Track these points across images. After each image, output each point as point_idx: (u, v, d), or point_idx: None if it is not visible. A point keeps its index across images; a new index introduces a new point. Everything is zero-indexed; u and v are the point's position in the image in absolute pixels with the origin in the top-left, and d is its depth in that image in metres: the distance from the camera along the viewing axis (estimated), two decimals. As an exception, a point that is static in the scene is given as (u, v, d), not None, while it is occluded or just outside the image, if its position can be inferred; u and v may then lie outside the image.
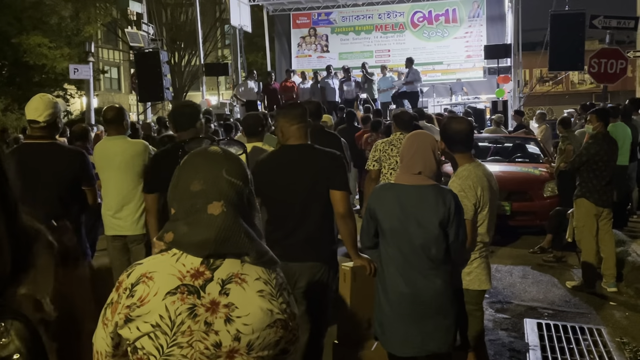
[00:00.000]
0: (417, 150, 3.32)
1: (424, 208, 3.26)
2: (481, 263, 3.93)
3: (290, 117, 3.91)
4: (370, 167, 6.57)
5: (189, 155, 1.71)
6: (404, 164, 3.37)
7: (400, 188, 3.34)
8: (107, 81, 41.38)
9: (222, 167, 1.65)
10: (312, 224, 3.78)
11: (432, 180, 3.33)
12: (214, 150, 1.70)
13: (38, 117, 4.30)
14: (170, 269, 1.60)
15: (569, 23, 14.19)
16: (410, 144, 3.39)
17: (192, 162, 1.68)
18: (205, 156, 1.68)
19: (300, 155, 3.86)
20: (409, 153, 3.35)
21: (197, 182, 1.63)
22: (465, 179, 3.80)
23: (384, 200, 3.35)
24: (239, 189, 1.65)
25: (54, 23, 25.62)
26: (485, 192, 3.81)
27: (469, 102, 18.42)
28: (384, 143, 6.56)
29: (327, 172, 3.81)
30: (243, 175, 1.68)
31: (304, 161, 3.84)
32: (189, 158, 1.70)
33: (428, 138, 3.42)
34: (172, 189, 1.69)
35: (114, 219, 4.97)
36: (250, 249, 1.62)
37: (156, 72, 15.94)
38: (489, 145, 11.12)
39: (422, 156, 3.31)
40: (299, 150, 3.88)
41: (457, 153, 3.95)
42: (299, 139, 3.90)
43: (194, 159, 1.69)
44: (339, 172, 3.85)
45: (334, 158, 3.90)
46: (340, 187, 3.82)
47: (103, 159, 4.96)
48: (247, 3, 22.25)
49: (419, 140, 3.39)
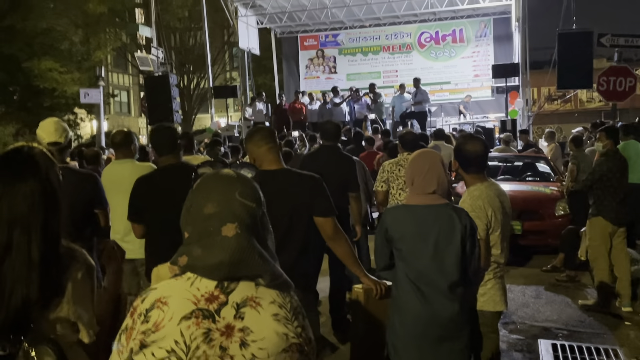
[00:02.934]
0: (430, 169, 3.30)
1: (441, 227, 3.23)
2: (495, 284, 3.88)
3: (257, 139, 3.75)
4: (378, 187, 6.56)
5: (202, 179, 1.71)
6: (417, 184, 3.33)
7: (414, 209, 3.30)
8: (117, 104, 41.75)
9: (235, 190, 1.64)
10: (293, 252, 3.54)
11: (445, 200, 3.32)
12: (227, 173, 1.71)
13: (59, 138, 4.36)
14: (185, 293, 1.58)
15: (576, 41, 14.18)
16: (421, 163, 3.36)
17: (206, 185, 1.68)
18: (218, 179, 1.68)
19: (276, 181, 3.63)
20: (421, 173, 3.31)
21: (210, 205, 1.62)
22: (476, 199, 3.77)
23: (400, 222, 3.32)
24: (252, 210, 1.65)
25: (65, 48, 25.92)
26: (497, 213, 3.79)
27: (477, 121, 18.44)
28: (391, 164, 6.55)
29: (308, 199, 3.62)
30: (256, 197, 1.68)
31: (281, 187, 3.59)
32: (202, 181, 1.70)
33: (437, 156, 3.42)
34: (186, 213, 1.68)
35: (122, 242, 4.92)
36: (264, 271, 1.61)
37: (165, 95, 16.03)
38: (499, 165, 11.07)
39: (436, 175, 3.29)
40: (275, 175, 3.68)
41: (469, 173, 3.92)
42: (273, 162, 3.72)
43: (207, 182, 1.69)
44: (321, 198, 3.65)
45: (313, 183, 3.70)
46: (324, 214, 3.63)
47: (111, 182, 4.96)
48: (255, 26, 22.47)
49: (430, 159, 3.37)
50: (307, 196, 3.62)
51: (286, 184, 3.65)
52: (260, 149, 3.71)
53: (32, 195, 1.92)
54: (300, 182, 3.69)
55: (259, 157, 3.71)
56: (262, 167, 3.69)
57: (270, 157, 3.71)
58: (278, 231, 3.56)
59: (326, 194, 3.68)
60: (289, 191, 3.60)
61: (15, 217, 1.90)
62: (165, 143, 4.32)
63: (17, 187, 1.93)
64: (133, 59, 24.39)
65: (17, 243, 1.89)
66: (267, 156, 3.70)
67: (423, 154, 3.46)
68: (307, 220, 3.63)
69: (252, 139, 3.79)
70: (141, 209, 4.19)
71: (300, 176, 3.77)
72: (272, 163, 3.71)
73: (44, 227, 1.93)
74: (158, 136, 4.41)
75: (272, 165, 3.70)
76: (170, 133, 4.38)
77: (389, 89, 21.19)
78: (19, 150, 2.02)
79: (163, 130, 4.42)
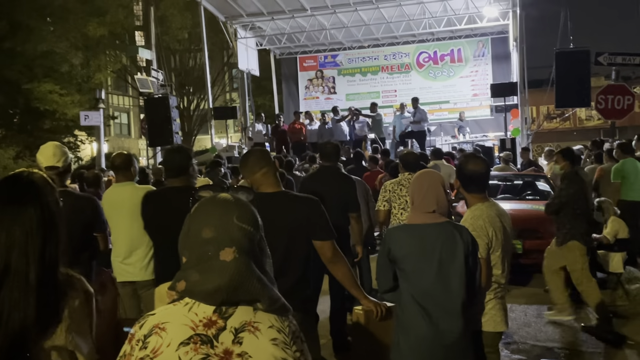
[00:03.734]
0: (429, 188, 3.34)
1: (444, 245, 3.25)
2: (496, 304, 3.85)
3: (251, 165, 3.71)
4: (380, 207, 6.60)
5: (199, 203, 1.72)
6: (417, 203, 3.37)
7: (416, 228, 3.33)
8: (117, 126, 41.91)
9: (233, 214, 1.65)
10: (292, 276, 3.48)
11: (445, 218, 3.35)
12: (225, 197, 1.71)
13: (57, 162, 4.38)
14: (183, 318, 1.58)
15: (574, 60, 14.27)
16: (420, 183, 3.40)
17: (203, 209, 1.69)
18: (216, 203, 1.69)
19: (273, 204, 3.55)
20: (420, 192, 3.36)
21: (208, 229, 1.62)
22: (477, 219, 3.76)
23: (402, 241, 3.33)
24: (250, 235, 1.65)
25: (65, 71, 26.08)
26: (498, 232, 3.78)
27: (477, 140, 18.49)
28: (392, 183, 6.61)
29: (306, 222, 3.58)
30: (254, 221, 1.69)
31: (279, 210, 3.55)
32: (200, 205, 1.71)
33: (437, 176, 3.46)
34: (183, 237, 1.69)
35: (123, 264, 4.96)
36: (262, 295, 1.61)
37: (165, 116, 16.07)
38: (499, 183, 11.06)
39: (434, 194, 3.33)
40: (272, 199, 3.61)
41: (471, 193, 3.92)
42: (270, 185, 3.68)
43: (205, 206, 1.69)
44: (319, 221, 3.60)
45: (311, 205, 3.65)
46: (322, 237, 3.60)
47: (111, 205, 4.98)
48: (254, 47, 22.60)
49: (429, 179, 3.41)
50: (305, 219, 3.58)
51: (284, 207, 3.62)
52: (255, 175, 3.68)
53: (30, 221, 1.93)
54: (298, 204, 3.66)
55: (255, 181, 3.69)
56: (260, 190, 3.66)
57: (267, 180, 3.68)
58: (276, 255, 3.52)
59: (324, 217, 3.65)
60: (286, 214, 3.57)
61: (13, 242, 1.90)
62: (169, 167, 4.38)
63: (17, 213, 1.94)
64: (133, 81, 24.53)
65: (15, 268, 1.89)
66: (263, 180, 3.67)
67: (423, 174, 3.50)
68: (306, 243, 3.61)
69: (245, 164, 3.76)
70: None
71: (298, 199, 3.75)
72: (269, 186, 3.68)
73: (42, 253, 1.93)
74: (165, 159, 4.53)
75: (270, 188, 3.67)
76: (176, 157, 4.39)
77: (388, 108, 21.30)
78: (19, 175, 2.03)
79: (171, 154, 4.49)
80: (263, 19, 20.68)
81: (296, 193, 3.93)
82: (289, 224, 3.55)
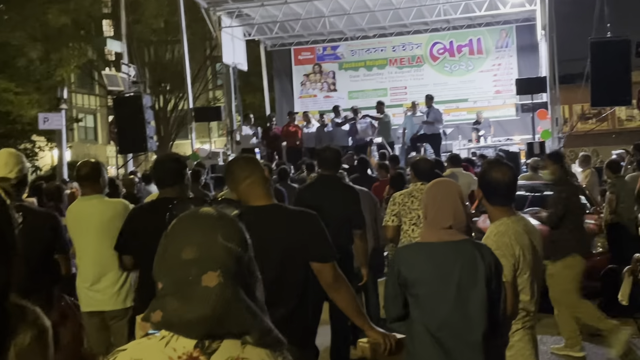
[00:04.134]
0: (444, 200, 3.34)
1: (463, 267, 3.24)
2: (524, 335, 3.84)
3: (236, 174, 3.68)
4: (388, 222, 6.57)
5: (177, 219, 1.69)
6: (430, 218, 3.37)
7: (430, 247, 3.33)
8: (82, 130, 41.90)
9: (218, 231, 1.62)
10: (287, 303, 3.45)
11: (464, 235, 3.35)
12: (207, 212, 1.69)
13: (8, 173, 4.36)
14: (159, 355, 1.56)
15: (612, 51, 14.27)
16: (434, 194, 3.41)
17: (182, 226, 1.66)
18: (197, 219, 1.66)
19: (264, 220, 3.50)
20: (434, 205, 3.35)
21: (188, 249, 1.59)
22: (502, 236, 3.74)
23: (414, 263, 3.33)
24: (238, 255, 1.62)
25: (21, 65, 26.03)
26: (526, 252, 3.75)
27: (500, 145, 18.48)
28: (402, 195, 6.58)
29: (302, 240, 3.54)
30: (241, 239, 1.66)
31: (271, 227, 3.49)
32: (178, 222, 1.68)
33: (453, 186, 3.49)
34: (159, 260, 1.66)
35: (90, 291, 4.93)
36: (252, 326, 1.58)
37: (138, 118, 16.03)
38: (526, 195, 11.00)
39: (451, 207, 3.32)
40: (263, 213, 3.56)
41: (495, 205, 3.90)
42: (259, 198, 3.62)
43: (184, 222, 1.67)
44: (318, 239, 3.57)
45: (309, 221, 3.62)
46: (322, 258, 3.56)
47: (77, 222, 4.97)
48: (241, 38, 22.65)
49: (444, 189, 3.42)
50: (302, 237, 3.55)
51: (276, 223, 3.59)
52: (241, 185, 3.63)
53: None
54: (293, 220, 3.64)
55: (242, 193, 3.63)
56: (247, 203, 3.57)
57: (255, 192, 3.63)
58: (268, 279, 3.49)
59: (324, 235, 3.62)
60: (279, 231, 3.53)
61: None
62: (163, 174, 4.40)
63: None
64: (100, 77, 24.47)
65: None
66: (251, 191, 3.62)
67: (437, 184, 3.51)
68: (302, 266, 3.57)
69: (230, 174, 3.75)
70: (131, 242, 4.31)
71: (293, 213, 3.73)
72: (258, 198, 3.62)
73: None
74: (158, 166, 4.56)
75: (259, 201, 3.62)
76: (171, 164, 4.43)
77: (397, 108, 21.26)
78: None
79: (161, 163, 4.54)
80: (251, 4, 20.62)
81: (290, 207, 3.93)
82: (282, 242, 3.51)
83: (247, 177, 3.64)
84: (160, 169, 4.45)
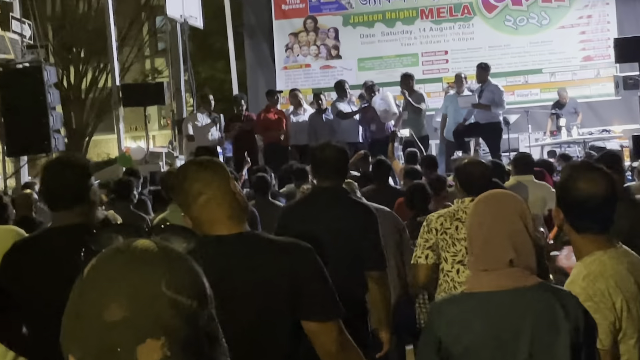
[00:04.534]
0: (496, 224, 3.24)
1: (535, 329, 3.09)
2: None
3: (186, 188, 3.58)
4: (420, 260, 6.27)
5: (97, 260, 1.60)
6: (477, 252, 3.27)
7: (482, 299, 3.20)
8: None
9: (161, 277, 1.55)
10: None
11: (536, 277, 3.20)
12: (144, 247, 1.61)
13: None
14: None
15: None
16: (480, 215, 3.34)
17: (105, 270, 1.58)
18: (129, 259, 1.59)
19: (231, 257, 3.48)
20: (479, 232, 3.28)
21: (115, 307, 1.52)
22: (595, 280, 3.49)
23: (461, 324, 3.20)
24: (191, 313, 1.57)
25: None
26: (631, 304, 3.51)
27: (591, 139, 18.44)
28: (442, 217, 6.23)
29: (290, 289, 3.47)
30: (196, 289, 1.60)
31: (241, 268, 3.47)
32: (99, 263, 1.59)
33: (511, 201, 3.39)
34: (69, 321, 1.55)
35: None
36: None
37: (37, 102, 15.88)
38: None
39: (506, 234, 3.21)
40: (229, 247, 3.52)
41: (584, 233, 3.72)
42: (222, 223, 3.52)
43: (108, 265, 1.58)
44: (313, 285, 3.52)
45: (298, 258, 3.56)
46: (320, 316, 3.50)
47: None
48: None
49: (495, 206, 3.35)
50: (288, 284, 3.43)
51: (249, 262, 3.47)
52: (195, 204, 3.46)
53: None
54: (274, 257, 3.52)
55: (197, 217, 3.47)
56: (206, 232, 3.45)
57: (216, 214, 3.46)
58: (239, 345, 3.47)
59: (322, 279, 3.53)
60: (254, 275, 3.42)
61: None
62: (56, 193, 4.36)
63: None
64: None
65: None
66: (210, 213, 3.46)
67: (487, 200, 3.40)
68: (290, 326, 3.45)
69: (178, 187, 3.59)
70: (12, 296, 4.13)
71: (275, 247, 3.59)
72: (221, 224, 3.46)
73: None
74: (47, 179, 4.50)
75: (222, 228, 3.46)
76: (67, 175, 4.38)
77: (433, 83, 21.30)
78: None
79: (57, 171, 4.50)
80: None
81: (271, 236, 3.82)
82: (257, 292, 3.43)
83: (203, 192, 3.52)
84: (51, 182, 4.36)
